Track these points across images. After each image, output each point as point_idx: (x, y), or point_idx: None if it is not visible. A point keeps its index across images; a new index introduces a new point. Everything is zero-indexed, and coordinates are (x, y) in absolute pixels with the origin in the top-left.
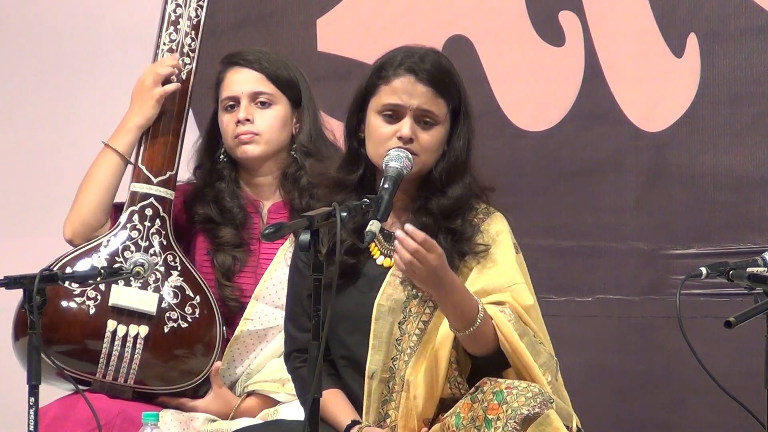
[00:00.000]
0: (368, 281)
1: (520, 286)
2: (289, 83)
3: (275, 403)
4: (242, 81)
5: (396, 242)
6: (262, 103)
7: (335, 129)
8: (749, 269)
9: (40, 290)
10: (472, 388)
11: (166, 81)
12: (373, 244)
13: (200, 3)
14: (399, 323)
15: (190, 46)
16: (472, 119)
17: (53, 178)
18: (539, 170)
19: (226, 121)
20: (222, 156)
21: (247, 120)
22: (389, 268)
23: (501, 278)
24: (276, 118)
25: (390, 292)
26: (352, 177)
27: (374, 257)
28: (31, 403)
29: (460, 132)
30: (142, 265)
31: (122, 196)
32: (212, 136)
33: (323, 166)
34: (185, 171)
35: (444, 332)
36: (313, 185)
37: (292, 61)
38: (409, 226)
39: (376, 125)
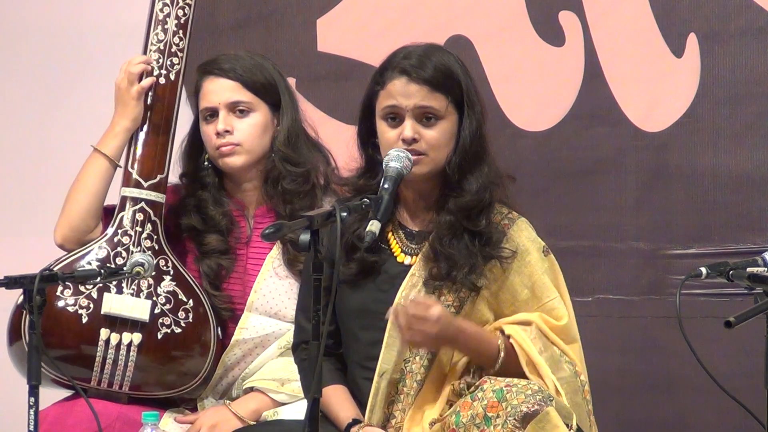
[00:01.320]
0: (388, 279)
1: (551, 303)
2: (267, 87)
3: (275, 403)
4: (219, 91)
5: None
6: (241, 111)
7: (337, 130)
8: (749, 269)
9: (40, 290)
10: (472, 387)
11: (143, 78)
12: (394, 242)
13: (187, 2)
14: None
15: (178, 45)
16: (478, 107)
17: (53, 178)
18: (539, 170)
19: (207, 131)
20: (206, 162)
21: (227, 131)
22: (410, 266)
23: (534, 302)
24: (255, 125)
25: (409, 291)
26: (371, 183)
27: (395, 255)
28: (31, 403)
29: (465, 123)
30: (142, 265)
31: (113, 199)
32: (194, 143)
33: (345, 175)
34: (173, 174)
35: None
36: (295, 192)
37: (268, 61)
38: (391, 310)
39: (382, 131)
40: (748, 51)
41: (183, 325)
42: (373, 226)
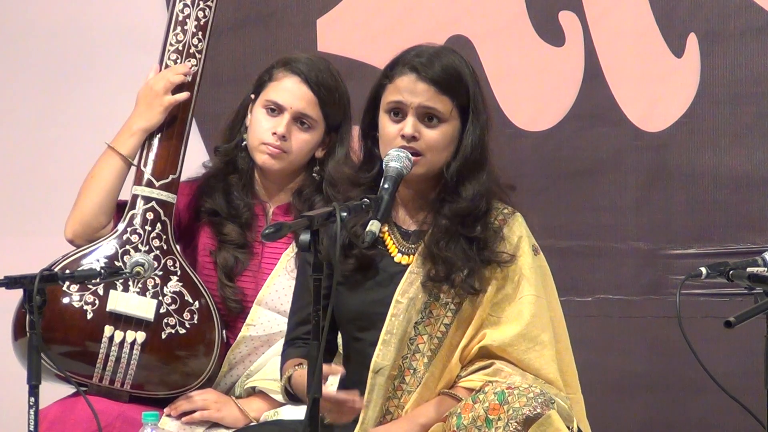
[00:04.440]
0: (386, 278)
1: (524, 299)
2: (335, 113)
3: (277, 404)
4: (296, 95)
5: None
6: (302, 124)
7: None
8: (749, 269)
9: (40, 290)
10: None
11: (176, 89)
12: (390, 242)
13: (208, 3)
14: (416, 323)
15: (196, 47)
16: (484, 116)
17: (53, 178)
18: (539, 170)
19: (262, 121)
20: (244, 143)
21: (283, 137)
22: (407, 265)
23: (511, 299)
24: (309, 142)
25: (407, 288)
26: (367, 175)
27: (391, 254)
28: (31, 403)
29: (468, 129)
30: (142, 265)
31: (125, 196)
32: (239, 118)
33: (342, 164)
34: (184, 174)
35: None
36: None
37: (343, 82)
38: None
39: (383, 125)
40: (748, 51)
41: (188, 326)
42: (373, 226)
